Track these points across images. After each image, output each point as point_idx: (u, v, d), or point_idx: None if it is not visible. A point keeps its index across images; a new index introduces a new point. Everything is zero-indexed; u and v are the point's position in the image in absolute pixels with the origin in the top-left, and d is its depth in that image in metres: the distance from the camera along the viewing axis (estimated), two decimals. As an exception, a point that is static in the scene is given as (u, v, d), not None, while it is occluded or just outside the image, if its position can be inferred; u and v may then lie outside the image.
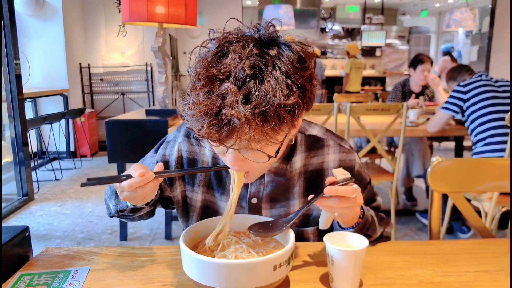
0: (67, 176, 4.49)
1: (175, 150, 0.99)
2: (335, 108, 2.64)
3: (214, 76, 0.67)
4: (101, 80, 5.78)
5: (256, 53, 0.67)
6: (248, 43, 0.68)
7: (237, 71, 0.65)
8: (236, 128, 0.65)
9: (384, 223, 1.00)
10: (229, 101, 0.64)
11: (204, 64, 0.68)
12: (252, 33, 0.71)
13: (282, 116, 0.66)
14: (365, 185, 1.01)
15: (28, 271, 0.85)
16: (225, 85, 0.65)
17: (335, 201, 0.77)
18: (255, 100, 0.64)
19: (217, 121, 0.66)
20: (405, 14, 11.17)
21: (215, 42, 0.71)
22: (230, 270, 0.69)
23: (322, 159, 0.96)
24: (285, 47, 0.70)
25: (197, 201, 1.00)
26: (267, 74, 0.66)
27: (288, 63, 0.68)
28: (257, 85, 0.65)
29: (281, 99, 0.65)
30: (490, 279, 0.82)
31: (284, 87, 0.66)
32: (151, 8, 2.35)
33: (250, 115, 0.64)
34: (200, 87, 0.67)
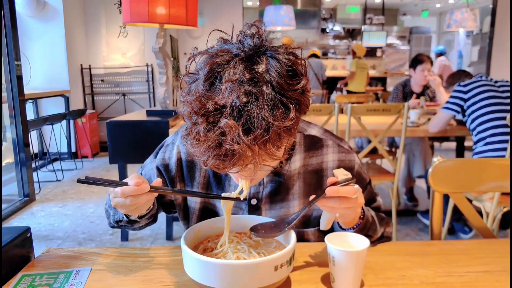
0: (68, 177, 4.49)
1: (174, 153, 0.99)
2: (336, 108, 2.64)
3: (210, 111, 0.65)
4: (102, 81, 5.78)
5: (247, 78, 0.65)
6: (237, 64, 0.67)
7: (233, 102, 0.64)
8: (241, 157, 0.66)
9: (384, 223, 0.99)
10: (230, 136, 0.64)
11: (197, 97, 0.67)
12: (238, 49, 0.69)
13: (282, 135, 0.67)
14: (365, 185, 1.01)
15: (30, 271, 0.85)
16: (223, 121, 0.64)
17: (337, 202, 0.77)
18: (255, 129, 0.64)
19: (221, 154, 0.66)
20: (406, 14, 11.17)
21: (203, 66, 0.69)
22: (231, 270, 0.69)
23: (321, 159, 0.96)
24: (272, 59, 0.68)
25: (196, 203, 1.00)
26: (262, 98, 0.65)
27: (278, 78, 0.66)
28: (254, 112, 0.64)
29: (279, 121, 0.65)
30: (492, 279, 0.81)
31: (280, 107, 0.66)
32: (151, 9, 2.35)
33: (253, 144, 0.65)
34: (199, 123, 0.67)
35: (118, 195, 0.75)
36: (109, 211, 0.99)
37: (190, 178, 0.99)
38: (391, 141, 3.74)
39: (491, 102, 2.40)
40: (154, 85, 5.77)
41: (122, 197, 0.75)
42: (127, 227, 0.98)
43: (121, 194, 0.75)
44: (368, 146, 2.71)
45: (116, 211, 0.94)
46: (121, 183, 0.76)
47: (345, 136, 2.61)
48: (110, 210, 0.98)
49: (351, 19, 10.44)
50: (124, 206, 0.77)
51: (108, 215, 1.00)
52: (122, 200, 0.76)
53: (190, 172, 0.99)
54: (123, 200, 0.76)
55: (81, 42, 5.52)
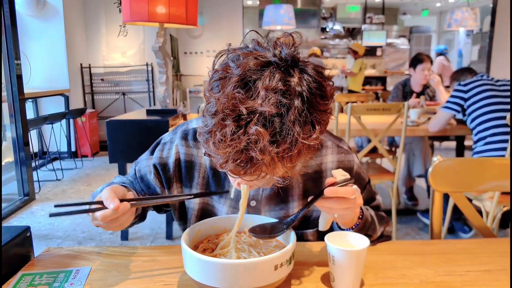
0: (68, 176, 4.49)
1: (173, 153, 0.98)
2: (336, 107, 2.64)
3: (242, 114, 0.63)
4: (102, 80, 5.78)
5: (281, 90, 0.64)
6: (273, 72, 0.65)
7: (264, 110, 0.63)
8: (260, 167, 0.65)
9: (384, 222, 0.99)
10: (258, 144, 0.63)
11: (230, 97, 0.64)
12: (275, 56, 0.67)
13: (304, 153, 0.67)
14: (364, 185, 1.01)
15: (30, 271, 0.85)
16: (253, 127, 0.62)
17: (335, 202, 0.76)
18: (281, 142, 0.63)
19: (244, 160, 0.65)
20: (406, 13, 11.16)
21: (237, 66, 0.67)
22: (231, 269, 0.69)
23: (320, 160, 0.96)
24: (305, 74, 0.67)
25: (195, 203, 1.00)
26: (293, 111, 0.63)
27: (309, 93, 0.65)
28: (283, 125, 0.63)
29: (304, 139, 0.64)
30: (492, 279, 0.81)
31: (307, 126, 0.65)
32: (151, 8, 2.35)
33: (276, 157, 0.64)
34: (227, 124, 0.64)
35: (99, 220, 0.74)
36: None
37: (188, 179, 0.98)
38: (391, 141, 3.74)
39: (491, 101, 2.40)
40: (154, 84, 5.77)
41: (103, 222, 0.74)
42: None
43: (101, 219, 0.74)
44: (368, 146, 2.71)
45: None
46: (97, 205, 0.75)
47: (345, 136, 2.61)
48: None
49: (351, 18, 10.43)
50: (106, 227, 0.77)
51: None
52: (103, 224, 0.75)
53: (189, 172, 0.98)
54: (105, 224, 0.76)
55: (81, 41, 5.52)
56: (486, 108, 2.40)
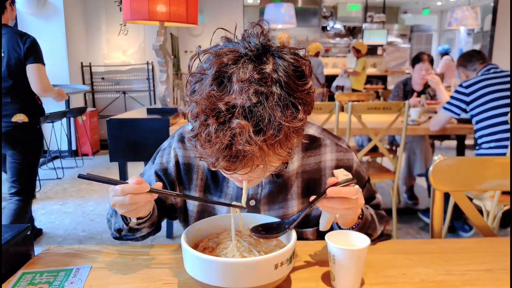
0: (69, 174, 4.49)
1: (172, 156, 0.98)
2: (337, 106, 2.64)
3: (221, 111, 0.64)
4: (102, 79, 5.78)
5: (256, 78, 0.65)
6: (245, 63, 0.66)
7: (244, 102, 0.64)
8: (251, 158, 0.66)
9: (384, 221, 0.99)
10: (243, 136, 0.63)
11: (207, 97, 0.65)
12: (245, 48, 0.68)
13: (292, 136, 0.68)
14: (364, 183, 1.01)
15: (30, 269, 0.85)
16: (235, 121, 0.63)
17: (338, 203, 0.76)
18: (266, 129, 0.64)
19: (232, 155, 0.66)
20: (407, 12, 11.15)
21: (210, 66, 0.67)
22: (231, 268, 0.69)
23: (319, 159, 0.95)
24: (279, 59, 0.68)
25: (194, 206, 1.00)
26: (272, 97, 0.64)
27: (286, 77, 0.66)
28: (265, 112, 0.64)
29: (288, 121, 0.65)
30: (492, 278, 0.81)
31: (290, 107, 0.66)
32: (152, 7, 2.35)
33: (264, 145, 0.65)
34: (209, 123, 0.65)
35: (118, 192, 0.74)
36: (111, 221, 0.96)
37: (187, 181, 0.98)
38: (392, 140, 3.74)
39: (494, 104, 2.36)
40: (154, 83, 5.77)
41: (121, 195, 0.74)
42: (129, 237, 0.95)
43: (120, 192, 0.74)
44: (369, 145, 2.71)
45: (116, 219, 0.91)
46: (121, 182, 0.75)
47: (346, 135, 2.60)
48: (112, 219, 0.96)
49: (351, 17, 10.42)
50: (123, 205, 0.76)
51: (110, 225, 0.98)
52: (121, 198, 0.75)
53: (188, 175, 0.98)
54: (122, 199, 0.74)
55: (82, 40, 5.52)
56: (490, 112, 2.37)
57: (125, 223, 0.89)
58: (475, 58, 2.76)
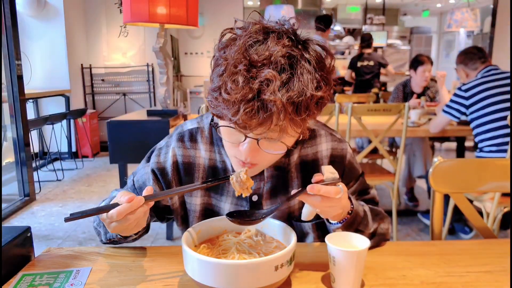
0: (69, 176, 4.49)
1: (170, 156, 0.96)
2: (337, 108, 2.64)
3: (254, 62, 0.67)
4: (102, 81, 5.78)
5: (289, 45, 0.69)
6: (281, 34, 0.70)
7: (276, 59, 0.67)
8: (272, 115, 0.67)
9: (379, 218, 0.97)
10: (272, 87, 0.65)
11: (241, 50, 0.68)
12: (282, 26, 0.73)
13: (311, 107, 0.70)
14: (357, 176, 1.01)
15: (30, 271, 0.85)
16: (266, 70, 0.66)
17: (317, 200, 0.77)
18: (292, 89, 0.67)
19: (256, 106, 0.66)
20: (406, 14, 11.17)
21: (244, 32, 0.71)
22: (231, 270, 0.69)
23: (315, 149, 0.96)
24: (310, 42, 0.73)
25: (196, 205, 0.98)
26: (300, 66, 0.68)
27: (315, 57, 0.71)
28: (293, 74, 0.67)
29: (313, 90, 0.68)
30: (492, 280, 0.81)
31: (315, 80, 0.69)
32: (152, 9, 2.35)
33: (287, 103, 0.66)
34: (239, 71, 0.67)
35: (114, 218, 0.71)
36: (99, 230, 0.94)
37: (188, 182, 0.96)
38: (392, 141, 3.74)
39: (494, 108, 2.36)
40: (154, 84, 5.77)
41: (119, 219, 0.71)
42: (121, 242, 0.93)
43: (117, 216, 0.70)
44: (369, 146, 2.71)
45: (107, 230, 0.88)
46: (110, 206, 0.72)
47: (346, 136, 2.61)
48: (100, 228, 0.93)
49: (351, 19, 10.43)
50: (123, 227, 0.74)
51: (98, 233, 0.96)
52: (120, 222, 0.72)
53: (188, 175, 0.97)
54: (122, 222, 0.72)
55: (82, 41, 5.52)
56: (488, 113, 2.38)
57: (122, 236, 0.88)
58: (476, 56, 2.68)
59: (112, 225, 0.73)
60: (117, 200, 0.73)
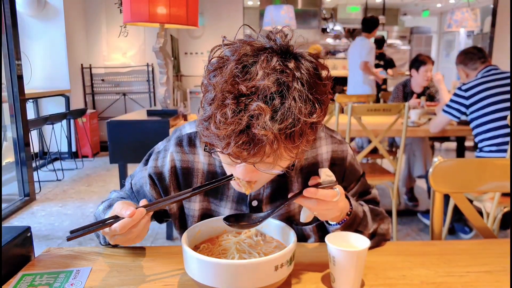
0: (69, 176, 4.49)
1: (168, 161, 0.95)
2: (337, 108, 2.64)
3: (242, 93, 0.64)
4: (102, 81, 5.78)
5: (279, 69, 0.65)
6: (270, 55, 0.67)
7: (264, 88, 0.64)
8: (263, 147, 0.64)
9: (379, 219, 0.97)
10: (260, 120, 0.63)
11: (228, 79, 0.65)
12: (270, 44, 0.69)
13: (306, 133, 0.67)
14: (358, 177, 1.01)
15: (30, 271, 0.85)
16: (255, 103, 0.63)
17: (314, 203, 0.76)
18: (283, 119, 0.63)
19: (247, 139, 0.64)
20: (406, 14, 11.16)
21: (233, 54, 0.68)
22: (231, 270, 0.69)
23: (315, 152, 0.95)
24: (301, 58, 0.69)
25: (195, 210, 0.98)
26: (292, 91, 0.65)
27: (307, 76, 0.67)
28: (284, 102, 0.64)
29: (306, 116, 0.65)
30: (492, 279, 0.81)
31: (308, 104, 0.66)
32: (152, 9, 2.35)
33: (279, 134, 0.63)
34: (227, 104, 0.64)
35: (117, 231, 0.72)
36: (98, 233, 0.93)
37: (186, 186, 0.96)
38: (392, 141, 3.74)
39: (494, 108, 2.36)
40: (154, 84, 5.77)
41: (122, 232, 0.72)
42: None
43: (120, 230, 0.71)
44: (369, 146, 2.71)
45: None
46: (111, 219, 0.73)
47: (346, 136, 2.61)
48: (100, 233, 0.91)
49: (351, 19, 10.43)
50: (126, 240, 0.74)
51: (98, 236, 0.96)
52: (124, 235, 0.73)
53: (187, 179, 0.96)
54: (125, 235, 0.73)
55: (82, 41, 5.52)
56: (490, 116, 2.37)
57: None
58: (476, 56, 2.68)
59: (115, 238, 0.74)
60: (117, 212, 0.73)
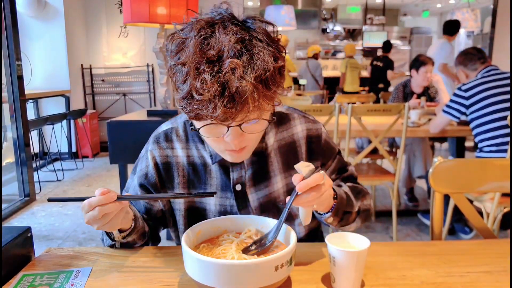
0: (69, 176, 4.49)
1: (150, 160, 0.99)
2: (336, 108, 2.64)
3: (213, 56, 0.70)
4: (102, 81, 5.78)
5: (236, 30, 0.72)
6: (223, 23, 0.73)
7: (231, 47, 0.70)
8: (247, 99, 0.70)
9: (361, 196, 1.00)
10: (237, 74, 0.69)
11: (195, 50, 0.70)
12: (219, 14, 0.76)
13: (277, 79, 0.74)
14: (335, 154, 1.04)
15: (31, 271, 0.85)
16: (227, 61, 0.69)
17: (311, 194, 0.77)
18: (255, 68, 0.70)
19: (229, 98, 0.69)
20: (407, 14, 11.17)
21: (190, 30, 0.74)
22: (232, 270, 0.69)
23: (291, 132, 0.99)
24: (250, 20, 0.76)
25: (181, 203, 0.99)
26: (254, 45, 0.72)
27: (262, 31, 0.75)
28: (252, 55, 0.71)
29: (272, 63, 0.72)
30: (492, 280, 0.81)
31: (271, 53, 0.73)
32: (152, 9, 2.35)
33: (256, 83, 0.70)
34: (202, 71, 0.69)
35: (86, 207, 0.76)
36: (103, 239, 0.97)
37: (169, 180, 0.98)
38: (392, 141, 3.74)
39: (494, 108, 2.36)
40: (154, 85, 5.77)
41: (89, 209, 0.76)
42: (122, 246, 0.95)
43: (88, 206, 0.76)
44: (369, 146, 2.71)
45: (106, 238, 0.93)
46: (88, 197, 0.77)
47: (346, 136, 2.61)
48: (103, 237, 0.96)
49: (351, 19, 10.44)
50: (94, 219, 0.77)
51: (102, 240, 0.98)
52: (91, 213, 0.76)
53: (168, 173, 0.98)
54: (92, 213, 0.76)
55: (82, 42, 5.52)
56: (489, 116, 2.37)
57: (111, 239, 0.90)
58: (476, 57, 2.67)
59: (86, 216, 0.77)
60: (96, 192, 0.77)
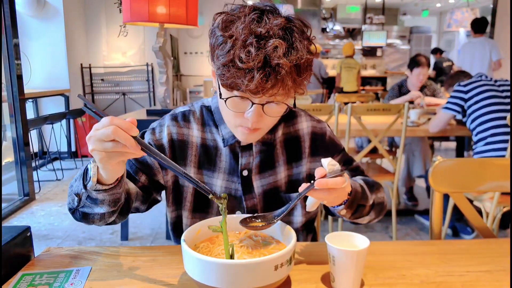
0: (68, 176, 4.49)
1: (166, 133, 1.01)
2: (336, 108, 2.64)
3: (260, 34, 0.77)
4: (102, 80, 5.78)
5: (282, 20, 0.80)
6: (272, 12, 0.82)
7: (277, 31, 0.78)
8: (281, 77, 0.77)
9: (375, 189, 1.01)
10: (279, 52, 0.76)
11: (248, 24, 0.79)
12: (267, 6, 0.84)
13: (308, 69, 0.82)
14: (340, 150, 1.09)
15: (30, 270, 0.85)
16: (272, 40, 0.77)
17: (325, 193, 0.79)
18: (294, 54, 0.78)
19: (267, 71, 0.76)
20: (406, 14, 11.18)
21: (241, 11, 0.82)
22: (231, 270, 0.69)
23: (297, 127, 1.06)
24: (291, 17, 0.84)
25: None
26: (294, 35, 0.80)
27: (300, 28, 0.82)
28: (292, 43, 0.79)
29: (307, 54, 0.81)
30: (492, 279, 0.82)
31: (306, 46, 0.81)
32: (152, 8, 2.35)
33: (293, 65, 0.78)
34: (249, 43, 0.77)
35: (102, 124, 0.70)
36: (73, 186, 0.85)
37: (182, 157, 1.01)
38: (391, 141, 3.74)
39: (491, 102, 2.40)
40: (154, 84, 5.77)
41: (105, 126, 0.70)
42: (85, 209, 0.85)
43: (110, 121, 0.70)
44: (368, 146, 2.71)
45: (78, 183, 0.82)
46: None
47: (345, 136, 2.61)
48: (74, 183, 0.85)
49: (351, 18, 10.45)
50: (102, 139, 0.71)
51: (70, 192, 0.86)
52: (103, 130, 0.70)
53: (182, 151, 1.01)
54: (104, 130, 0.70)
55: (81, 41, 5.52)
56: (487, 109, 2.40)
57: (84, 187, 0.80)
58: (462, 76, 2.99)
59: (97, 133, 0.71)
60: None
